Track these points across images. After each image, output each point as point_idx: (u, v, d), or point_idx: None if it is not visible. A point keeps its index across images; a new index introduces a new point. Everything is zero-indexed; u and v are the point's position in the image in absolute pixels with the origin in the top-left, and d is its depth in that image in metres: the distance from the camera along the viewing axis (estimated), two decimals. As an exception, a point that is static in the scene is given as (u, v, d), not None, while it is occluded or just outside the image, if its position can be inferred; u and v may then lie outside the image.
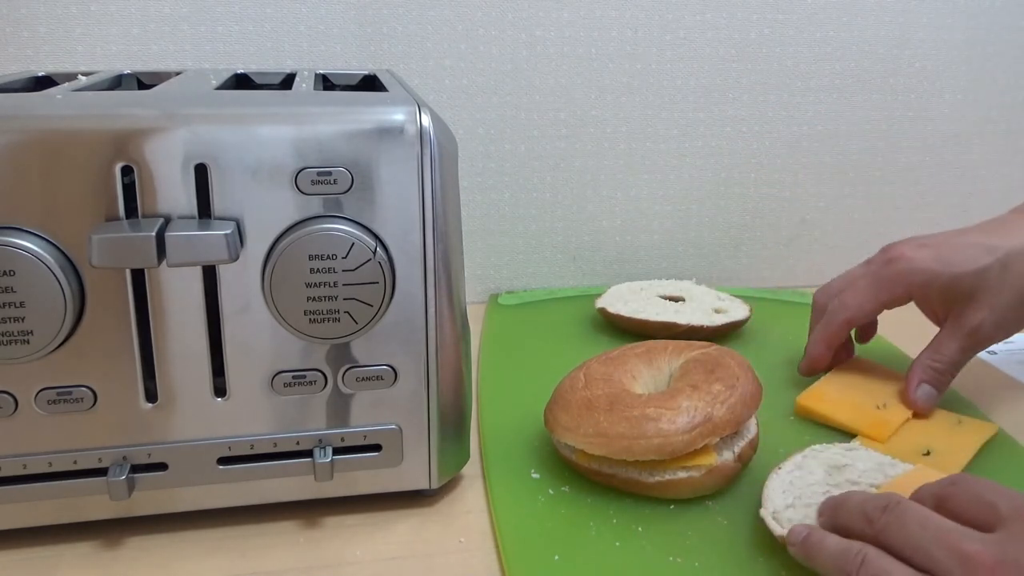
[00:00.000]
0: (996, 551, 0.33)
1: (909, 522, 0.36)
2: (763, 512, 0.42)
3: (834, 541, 0.37)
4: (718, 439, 0.46)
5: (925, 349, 0.56)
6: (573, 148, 0.79)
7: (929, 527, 0.35)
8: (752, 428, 0.50)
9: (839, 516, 0.39)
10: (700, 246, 0.85)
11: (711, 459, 0.46)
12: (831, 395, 0.57)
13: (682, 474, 0.46)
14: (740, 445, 0.48)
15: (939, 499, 0.37)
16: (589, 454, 0.47)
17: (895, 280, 0.55)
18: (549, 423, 0.49)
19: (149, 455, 0.43)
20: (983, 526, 0.34)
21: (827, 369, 0.60)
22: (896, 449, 0.50)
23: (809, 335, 0.60)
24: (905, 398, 0.55)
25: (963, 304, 0.54)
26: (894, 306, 0.57)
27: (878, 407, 0.54)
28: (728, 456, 0.47)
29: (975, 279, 0.53)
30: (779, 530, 0.41)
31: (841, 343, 0.59)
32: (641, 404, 0.46)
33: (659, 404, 0.46)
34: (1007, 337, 0.55)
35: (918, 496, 0.38)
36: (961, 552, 0.33)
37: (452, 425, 0.47)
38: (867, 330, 0.63)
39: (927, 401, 0.55)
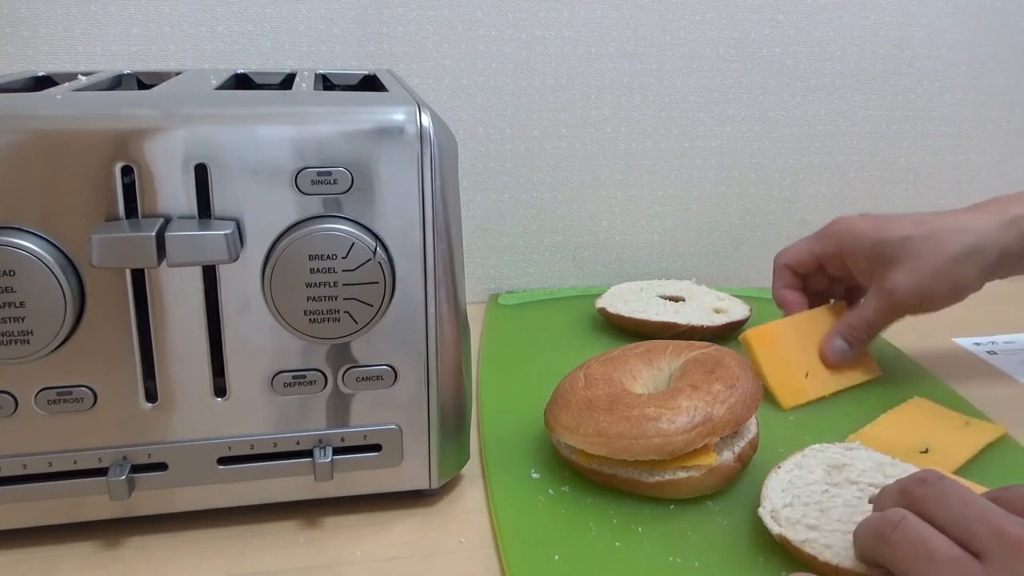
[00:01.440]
0: None
1: (950, 495, 0.35)
2: (761, 511, 0.42)
3: (873, 515, 0.37)
4: (718, 439, 0.46)
5: (848, 311, 0.61)
6: (573, 148, 0.79)
7: (972, 504, 0.34)
8: (752, 428, 0.50)
9: (878, 501, 0.39)
10: (700, 246, 0.85)
11: (711, 459, 0.46)
12: (772, 342, 0.58)
13: (682, 474, 0.45)
14: (740, 445, 0.48)
15: (990, 497, 0.36)
16: (589, 454, 0.47)
17: (830, 237, 0.60)
18: (549, 423, 0.49)
19: (149, 455, 0.43)
20: None
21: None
22: (895, 446, 0.50)
23: None
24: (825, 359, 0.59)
25: (885, 268, 0.57)
26: (829, 261, 0.61)
27: (806, 374, 0.56)
28: (728, 456, 0.47)
29: (899, 245, 0.56)
30: (776, 528, 0.41)
31: (793, 286, 0.64)
32: (641, 404, 0.46)
33: (659, 404, 0.46)
34: (929, 308, 0.58)
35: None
36: (1004, 532, 0.32)
37: (452, 425, 0.47)
38: (816, 288, 0.65)
39: (837, 355, 0.59)
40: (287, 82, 0.55)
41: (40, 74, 0.56)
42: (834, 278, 0.64)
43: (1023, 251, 0.57)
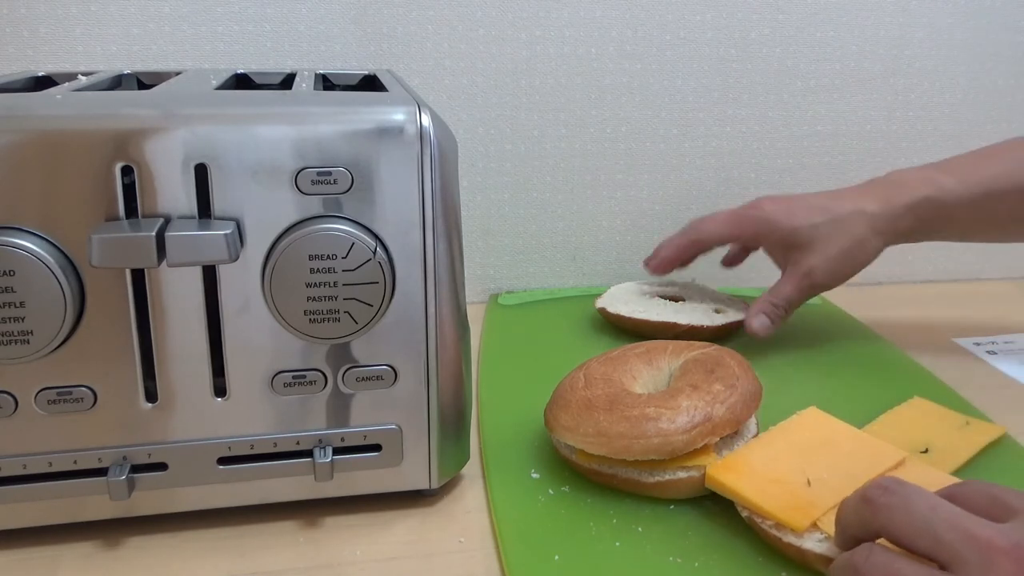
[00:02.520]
0: (1010, 537, 0.31)
1: (915, 504, 0.34)
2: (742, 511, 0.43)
3: (844, 554, 0.36)
4: (718, 439, 0.46)
5: (768, 290, 0.66)
6: (573, 148, 0.79)
7: (939, 510, 0.33)
8: (752, 428, 0.50)
9: (840, 513, 0.38)
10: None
11: (711, 459, 0.46)
12: (746, 468, 0.45)
13: (682, 474, 0.45)
14: (740, 445, 0.48)
15: (946, 495, 0.36)
16: (589, 454, 0.47)
17: (747, 221, 0.66)
18: (549, 423, 0.49)
19: (149, 455, 0.43)
20: (992, 518, 0.33)
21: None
22: (895, 446, 0.50)
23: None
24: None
25: (799, 252, 0.64)
26: (742, 243, 0.70)
27: (807, 482, 0.44)
28: (728, 456, 0.47)
29: (810, 232, 0.63)
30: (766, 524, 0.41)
31: (686, 258, 0.69)
32: (641, 404, 0.46)
33: (659, 404, 0.46)
34: (838, 282, 0.64)
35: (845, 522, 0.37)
36: (973, 536, 0.31)
37: (452, 425, 0.47)
38: (733, 260, 0.74)
39: (762, 328, 0.64)
40: (287, 82, 0.55)
41: (40, 74, 0.56)
42: (745, 249, 0.72)
43: (916, 229, 0.63)
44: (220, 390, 0.43)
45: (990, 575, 0.31)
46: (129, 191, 0.39)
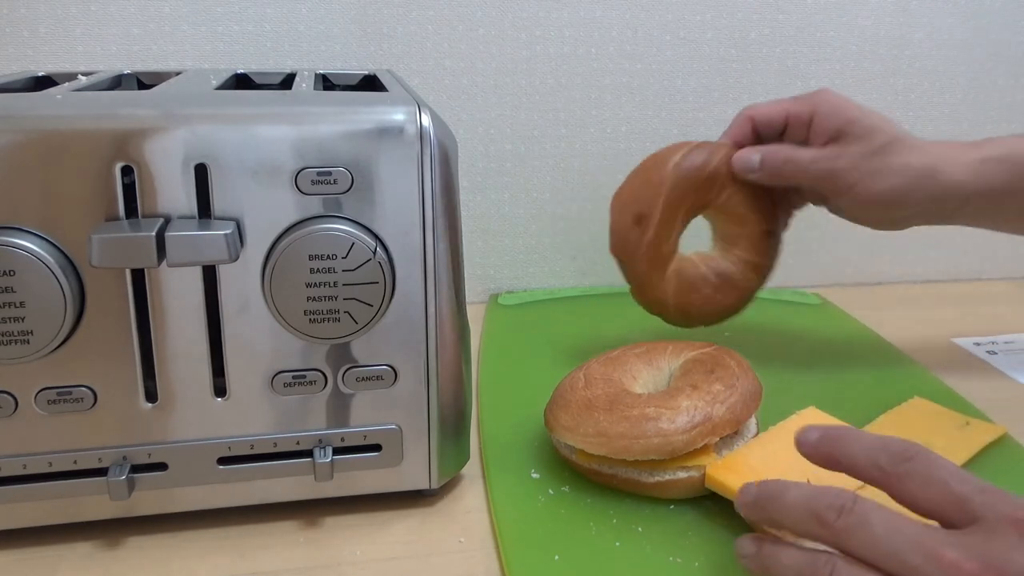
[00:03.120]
0: (977, 556, 0.31)
1: (875, 525, 0.32)
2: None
3: (793, 553, 0.35)
4: (718, 439, 0.46)
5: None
6: (573, 148, 0.79)
7: (901, 531, 0.32)
8: (752, 428, 0.50)
9: (776, 513, 0.36)
10: (701, 246, 0.85)
11: (711, 459, 0.46)
12: (745, 468, 0.45)
13: (682, 474, 0.45)
14: (740, 445, 0.48)
15: (892, 477, 0.34)
16: (589, 454, 0.47)
17: (808, 99, 0.57)
18: (549, 423, 0.49)
19: (149, 455, 0.43)
20: (952, 519, 0.33)
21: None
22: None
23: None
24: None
25: (843, 142, 0.55)
26: (796, 122, 0.57)
27: (808, 483, 0.42)
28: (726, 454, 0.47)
29: (869, 129, 0.54)
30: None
31: (743, 140, 0.59)
32: (641, 404, 0.46)
33: (659, 404, 0.46)
34: (852, 206, 0.56)
35: (857, 463, 0.35)
36: (941, 560, 0.31)
37: (452, 425, 0.47)
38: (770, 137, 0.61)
39: (743, 163, 0.56)
40: (287, 82, 0.55)
41: (40, 74, 0.56)
42: (797, 142, 0.58)
43: (985, 193, 0.55)
44: (220, 390, 0.43)
45: None
46: (129, 191, 0.39)
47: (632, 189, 0.59)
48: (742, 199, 0.59)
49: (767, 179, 0.57)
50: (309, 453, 0.44)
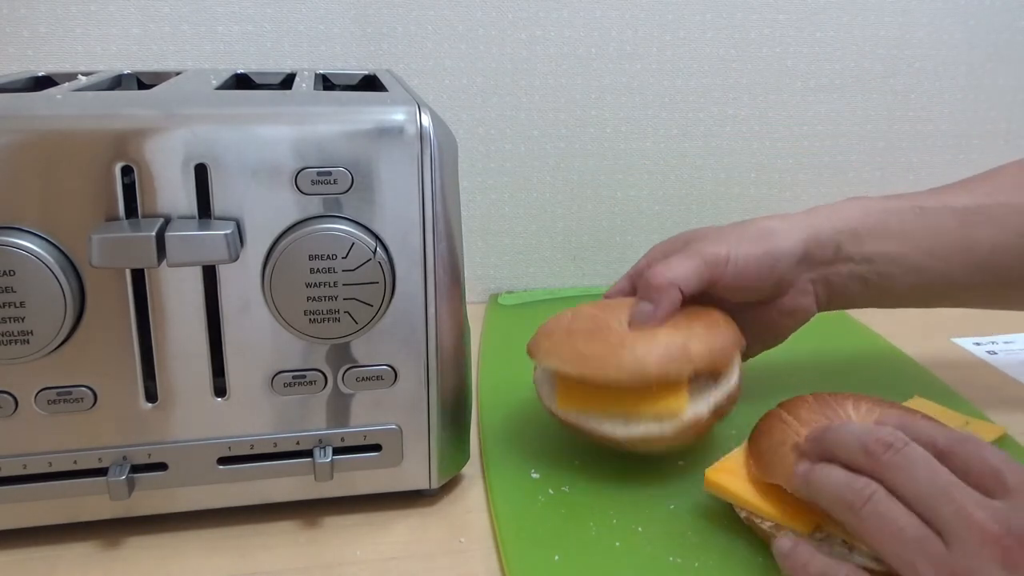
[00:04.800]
0: (1003, 522, 0.33)
1: (918, 468, 0.35)
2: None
3: (840, 473, 0.37)
4: (692, 371, 0.45)
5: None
6: (573, 148, 0.79)
7: (939, 480, 0.35)
8: (733, 380, 0.48)
9: (831, 444, 0.39)
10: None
11: (683, 401, 0.45)
12: (747, 467, 0.45)
13: (655, 428, 0.45)
14: (718, 397, 0.47)
15: (942, 452, 0.36)
16: (569, 402, 0.47)
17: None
18: (530, 349, 0.50)
19: (149, 455, 0.43)
20: (986, 491, 0.34)
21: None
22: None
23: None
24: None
25: (701, 242, 0.51)
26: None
27: None
28: (703, 409, 0.46)
29: (718, 231, 0.53)
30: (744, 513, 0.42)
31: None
32: (621, 334, 0.47)
33: (638, 335, 0.46)
34: (744, 287, 0.51)
35: (920, 439, 0.37)
36: (969, 517, 0.33)
37: (452, 425, 0.47)
38: None
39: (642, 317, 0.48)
40: (287, 82, 0.55)
41: (40, 74, 0.56)
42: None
43: (847, 272, 0.53)
44: (220, 390, 0.43)
45: (977, 559, 0.32)
46: (129, 191, 0.39)
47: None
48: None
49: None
50: (309, 453, 0.44)
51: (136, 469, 0.42)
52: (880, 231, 0.52)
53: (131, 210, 0.39)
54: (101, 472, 0.42)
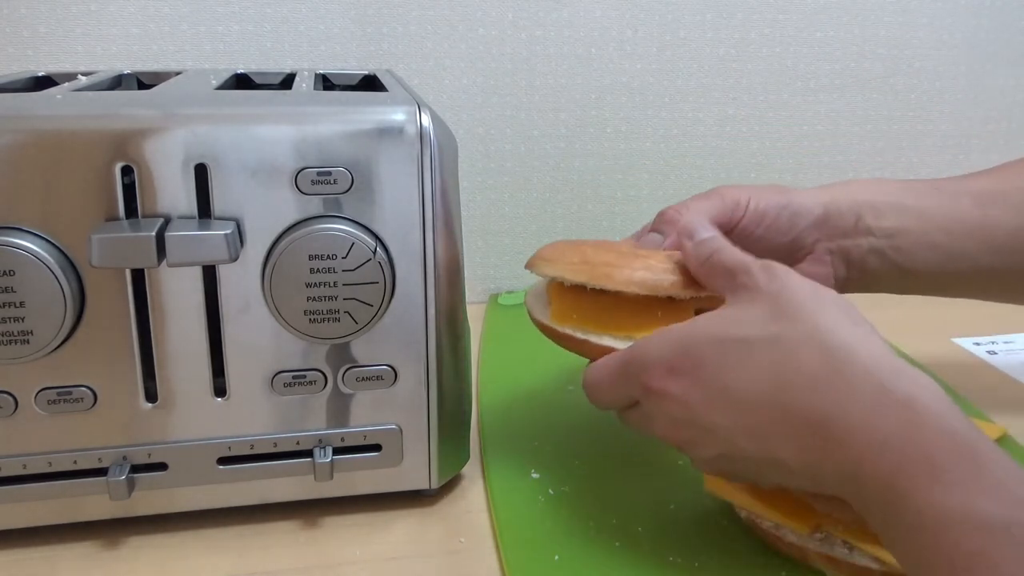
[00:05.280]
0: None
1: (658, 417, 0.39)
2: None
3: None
4: (703, 296, 0.42)
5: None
6: (573, 148, 0.79)
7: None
8: None
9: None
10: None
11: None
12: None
13: None
14: None
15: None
16: (564, 316, 0.44)
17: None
18: (530, 262, 0.47)
19: (149, 455, 0.43)
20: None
21: None
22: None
23: None
24: None
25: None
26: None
27: None
28: None
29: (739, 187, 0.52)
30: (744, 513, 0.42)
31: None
32: (633, 250, 0.45)
33: (652, 253, 0.44)
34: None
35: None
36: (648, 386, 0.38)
37: (452, 425, 0.47)
38: None
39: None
40: (287, 82, 0.55)
41: (40, 74, 0.56)
42: None
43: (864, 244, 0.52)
44: (220, 390, 0.43)
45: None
46: (129, 191, 0.39)
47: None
48: None
49: None
50: (309, 453, 0.44)
51: (136, 469, 0.42)
52: (898, 206, 0.52)
53: (131, 210, 0.39)
54: (101, 472, 0.42)
